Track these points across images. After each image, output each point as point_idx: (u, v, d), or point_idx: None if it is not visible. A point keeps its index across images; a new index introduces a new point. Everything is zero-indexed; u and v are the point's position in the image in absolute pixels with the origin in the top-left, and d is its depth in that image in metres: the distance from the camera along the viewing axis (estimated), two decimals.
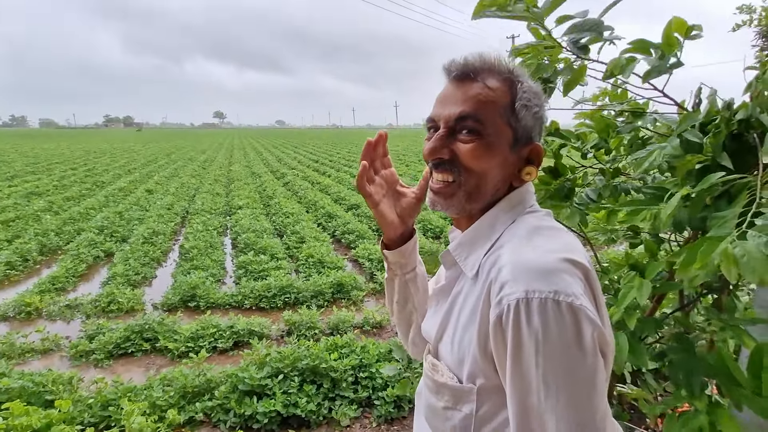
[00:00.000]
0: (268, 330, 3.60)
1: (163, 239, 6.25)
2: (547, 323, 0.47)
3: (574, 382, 0.47)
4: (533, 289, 0.48)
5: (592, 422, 0.47)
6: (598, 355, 0.48)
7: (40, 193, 10.12)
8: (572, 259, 0.51)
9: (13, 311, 4.02)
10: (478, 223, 0.63)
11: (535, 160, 0.63)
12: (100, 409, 2.45)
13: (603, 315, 0.53)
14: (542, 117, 0.63)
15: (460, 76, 0.62)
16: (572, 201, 1.26)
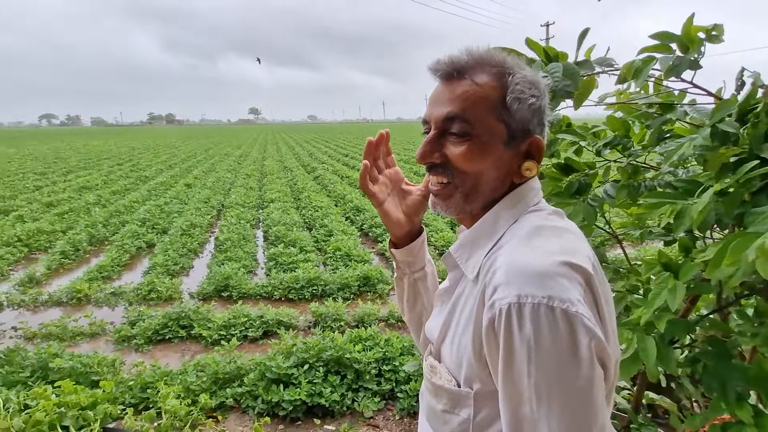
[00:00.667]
0: (295, 321, 3.70)
1: (199, 231, 6.54)
2: (539, 330, 0.45)
3: (568, 394, 0.45)
4: (526, 293, 0.46)
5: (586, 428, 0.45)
6: (595, 365, 0.46)
7: (90, 187, 10.84)
8: (571, 263, 0.48)
9: (66, 297, 4.35)
10: (479, 223, 0.61)
11: (535, 155, 0.60)
12: (139, 391, 2.62)
13: (605, 323, 0.50)
14: (541, 107, 0.59)
15: (446, 75, 0.59)
16: (585, 197, 1.20)
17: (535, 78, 0.58)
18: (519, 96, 0.56)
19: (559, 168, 1.32)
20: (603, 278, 0.55)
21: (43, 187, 10.91)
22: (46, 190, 10.32)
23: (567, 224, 0.59)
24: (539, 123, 0.59)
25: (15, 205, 8.51)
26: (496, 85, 0.57)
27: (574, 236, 0.55)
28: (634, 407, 1.57)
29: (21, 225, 6.82)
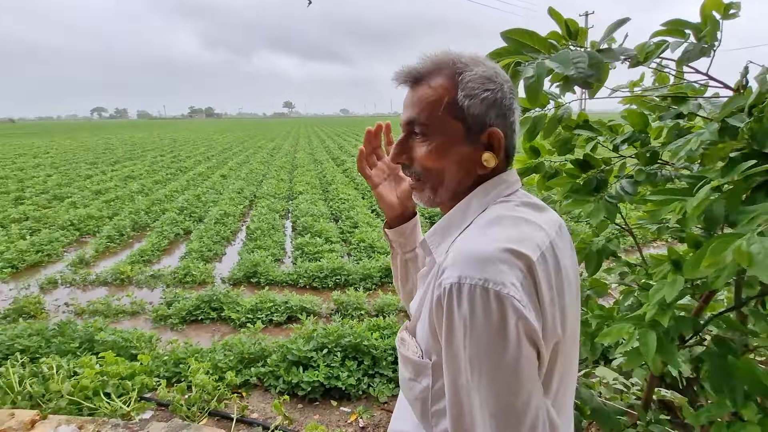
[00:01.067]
0: (318, 308, 3.84)
1: (232, 220, 6.84)
2: (474, 308, 0.49)
3: (497, 367, 0.49)
4: (466, 275, 0.50)
5: (512, 406, 0.50)
6: (523, 343, 0.49)
7: (134, 176, 11.53)
8: (515, 250, 0.52)
9: (111, 278, 4.71)
10: (451, 212, 0.66)
11: (494, 145, 0.63)
12: (172, 366, 2.82)
13: (545, 307, 0.53)
14: (497, 100, 0.61)
15: (405, 83, 0.65)
16: (603, 195, 1.20)
17: (490, 73, 0.62)
18: (470, 93, 0.60)
19: (576, 164, 1.32)
20: (559, 266, 0.58)
21: (93, 176, 11.71)
22: (95, 179, 11.09)
23: (531, 215, 0.61)
24: (498, 115, 0.62)
25: (69, 192, 9.21)
26: (448, 86, 0.61)
27: (531, 227, 0.59)
28: (644, 404, 1.55)
29: (74, 210, 7.39)
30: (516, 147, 0.68)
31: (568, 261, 0.62)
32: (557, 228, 0.64)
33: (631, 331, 1.14)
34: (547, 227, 0.61)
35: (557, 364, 0.56)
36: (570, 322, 0.59)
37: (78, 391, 2.46)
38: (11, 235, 6.08)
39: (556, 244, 0.59)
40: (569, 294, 0.59)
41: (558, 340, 0.55)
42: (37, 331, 3.09)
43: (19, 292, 4.37)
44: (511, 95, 0.63)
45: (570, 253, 0.66)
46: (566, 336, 0.57)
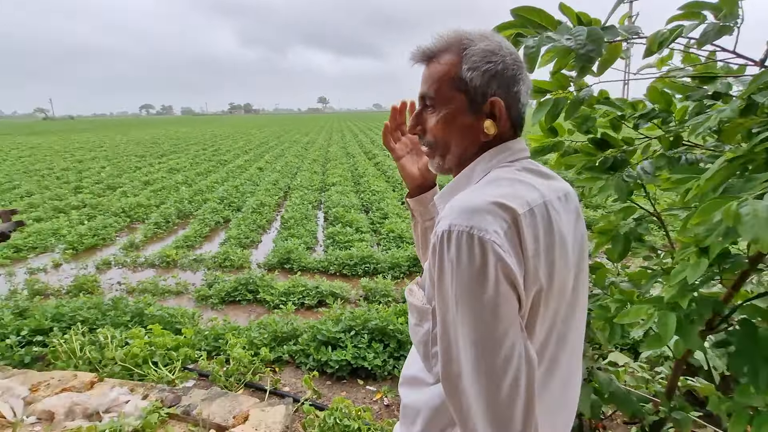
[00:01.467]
0: (347, 293, 3.97)
1: (268, 210, 7.12)
2: (460, 252, 0.56)
3: (477, 302, 0.55)
4: (455, 223, 0.57)
5: (490, 337, 0.55)
6: (501, 283, 0.55)
7: (179, 168, 12.20)
8: (502, 203, 0.58)
9: (158, 261, 5.07)
10: (459, 176, 0.73)
11: (496, 114, 0.68)
12: (212, 340, 3.04)
13: (528, 256, 0.58)
14: (498, 72, 0.66)
15: (420, 61, 0.72)
16: (621, 174, 1.20)
17: (493, 47, 0.66)
18: (472, 66, 0.66)
19: (594, 143, 1.32)
20: (551, 226, 0.62)
21: (141, 168, 12.51)
22: (144, 171, 11.83)
23: (529, 178, 0.66)
24: (500, 86, 0.67)
25: (121, 183, 9.91)
26: (454, 61, 0.67)
27: (524, 186, 0.64)
28: (667, 392, 1.53)
29: (125, 199, 7.96)
30: (524, 117, 0.72)
31: (566, 226, 0.66)
32: (561, 195, 0.69)
33: (650, 312, 1.14)
34: (545, 190, 0.65)
35: (540, 310, 0.61)
36: (559, 279, 0.63)
37: (129, 359, 2.71)
38: (72, 220, 6.66)
39: (552, 206, 0.64)
40: (561, 254, 0.63)
41: (540, 287, 0.60)
42: (95, 305, 3.41)
43: (79, 271, 4.80)
44: (515, 67, 0.67)
45: (572, 220, 0.69)
46: (553, 289, 0.62)
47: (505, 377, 0.55)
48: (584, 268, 0.73)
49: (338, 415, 2.10)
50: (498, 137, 0.70)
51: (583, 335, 0.76)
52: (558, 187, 0.70)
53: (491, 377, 0.55)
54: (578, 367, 0.76)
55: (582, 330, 0.76)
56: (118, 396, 2.26)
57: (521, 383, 0.56)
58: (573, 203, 0.72)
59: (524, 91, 0.69)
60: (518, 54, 0.69)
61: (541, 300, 0.60)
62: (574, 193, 0.73)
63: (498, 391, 0.55)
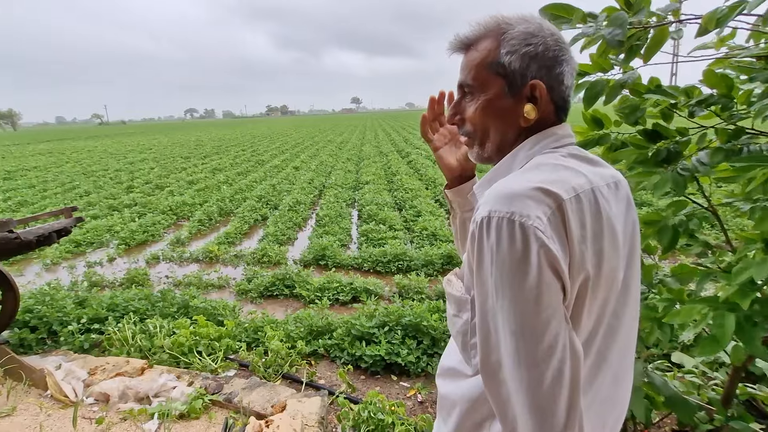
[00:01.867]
0: (381, 290, 3.99)
1: (303, 208, 7.29)
2: (500, 238, 0.54)
3: (518, 290, 0.53)
4: (495, 209, 0.55)
5: (531, 326, 0.53)
6: (544, 269, 0.53)
7: (220, 169, 12.74)
8: (545, 189, 0.56)
9: (202, 256, 5.32)
10: (498, 164, 0.70)
11: (537, 97, 0.65)
12: (252, 332, 3.15)
13: (574, 243, 0.55)
14: (539, 53, 0.63)
15: (458, 50, 0.70)
16: (675, 167, 1.12)
17: (532, 29, 0.64)
18: (511, 49, 0.64)
19: (645, 135, 1.24)
20: (599, 212, 0.59)
21: (186, 168, 13.17)
22: (189, 171, 12.46)
23: (574, 164, 0.63)
24: (540, 67, 0.64)
25: (168, 182, 10.49)
26: (492, 47, 0.65)
27: (570, 172, 0.61)
28: (724, 399, 1.43)
29: (171, 198, 8.42)
30: (568, 100, 0.68)
31: (616, 214, 0.63)
32: (610, 182, 0.65)
33: (704, 312, 1.06)
34: (592, 176, 0.62)
35: (586, 300, 0.58)
36: (607, 268, 0.60)
37: (176, 347, 2.86)
38: (124, 217, 7.13)
39: (600, 192, 0.61)
40: (610, 242, 0.60)
41: (587, 276, 0.57)
42: (145, 297, 3.63)
43: (131, 265, 5.14)
44: (557, 48, 0.64)
45: (622, 208, 0.66)
46: (601, 279, 0.59)
47: (547, 368, 0.53)
48: (636, 259, 0.69)
49: (372, 408, 2.12)
50: (541, 122, 0.67)
51: (636, 330, 0.72)
52: (607, 174, 0.66)
53: (533, 367, 0.53)
54: (630, 364, 0.72)
55: (635, 325, 0.71)
56: (166, 382, 2.40)
57: (565, 374, 0.53)
58: (623, 191, 0.68)
59: (568, 72, 0.66)
60: (561, 34, 0.66)
61: (588, 289, 0.57)
62: (624, 181, 0.69)
63: (540, 382, 0.53)
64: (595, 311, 0.60)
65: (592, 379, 0.63)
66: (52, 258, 5.38)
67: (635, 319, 0.71)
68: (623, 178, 0.69)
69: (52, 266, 5.28)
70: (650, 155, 1.16)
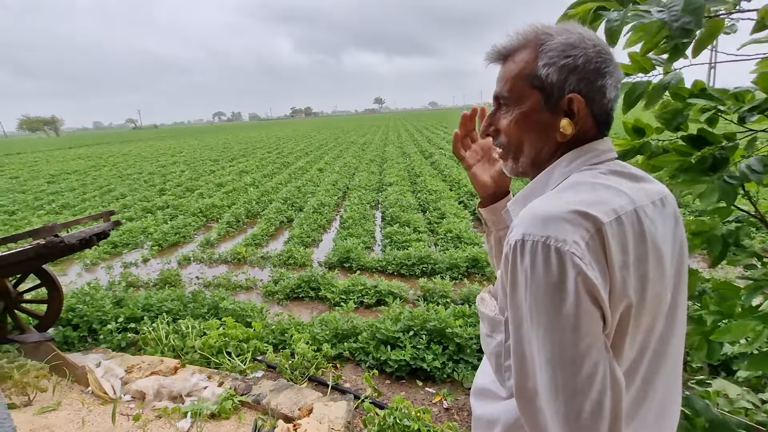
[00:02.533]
0: (405, 293, 3.98)
1: (328, 210, 7.37)
2: (535, 263, 0.52)
3: (554, 317, 0.51)
4: (530, 232, 0.54)
5: (568, 355, 0.51)
6: (582, 297, 0.51)
7: (247, 171, 13.05)
8: (583, 211, 0.53)
9: (230, 257, 5.46)
10: (534, 180, 0.68)
11: (574, 111, 0.62)
12: (279, 334, 3.21)
13: (615, 269, 0.52)
14: (579, 66, 0.60)
15: (495, 61, 0.68)
16: (722, 174, 1.05)
17: (573, 39, 0.61)
18: (549, 61, 0.61)
19: (688, 141, 1.18)
20: (643, 234, 0.57)
21: (215, 171, 13.57)
22: (217, 173, 12.83)
23: (615, 182, 0.60)
24: (580, 80, 0.61)
25: (198, 185, 10.84)
26: (529, 59, 0.63)
27: (610, 192, 0.58)
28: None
29: (201, 200, 8.69)
30: (611, 114, 0.65)
31: (662, 234, 0.60)
32: (656, 199, 0.62)
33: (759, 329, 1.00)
34: (635, 195, 0.59)
35: (629, 328, 0.55)
36: (652, 294, 0.57)
37: (207, 348, 2.95)
38: (157, 220, 7.41)
39: (644, 212, 0.58)
40: (656, 266, 0.57)
41: (629, 303, 0.54)
42: (177, 297, 3.76)
43: (164, 266, 5.34)
44: (599, 59, 0.61)
45: (669, 227, 0.63)
46: (645, 305, 0.56)
47: (586, 399, 0.51)
48: (683, 279, 0.65)
49: (398, 414, 2.12)
50: (580, 137, 0.64)
51: (682, 356, 0.69)
52: (652, 190, 0.63)
53: (570, 399, 0.51)
54: (677, 392, 0.68)
55: (681, 350, 0.68)
56: (198, 382, 2.47)
57: (605, 406, 0.51)
58: (670, 208, 0.64)
59: (611, 85, 0.62)
60: (604, 45, 0.63)
61: (630, 317, 0.55)
62: (671, 196, 0.66)
63: (579, 414, 0.51)
64: (640, 338, 0.58)
65: (636, 408, 0.60)
66: (91, 259, 5.66)
67: (682, 343, 0.68)
68: (670, 192, 0.66)
69: (92, 266, 5.55)
70: (695, 162, 1.10)
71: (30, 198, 10.11)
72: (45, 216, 8.11)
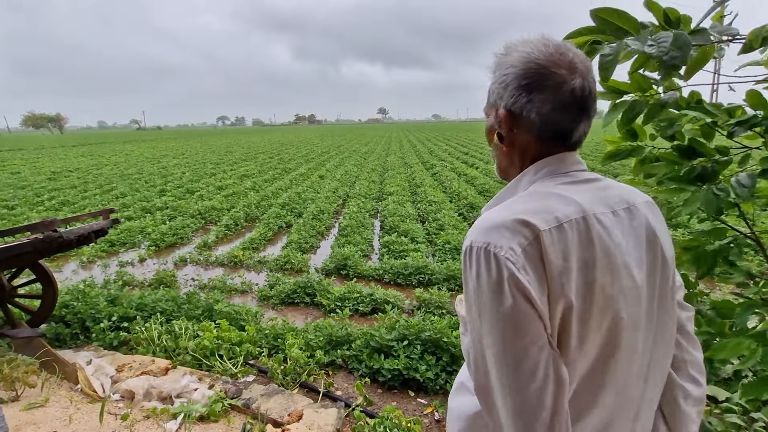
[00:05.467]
0: (401, 302, 3.96)
1: (327, 217, 7.38)
2: (479, 267, 0.57)
3: (496, 317, 0.56)
4: (475, 240, 0.59)
5: (510, 352, 0.55)
6: (518, 298, 0.55)
7: (248, 175, 13.09)
8: (524, 220, 0.58)
9: (227, 260, 5.45)
10: (504, 188, 0.73)
11: (502, 126, 0.68)
12: (272, 339, 3.18)
13: (553, 274, 0.56)
14: (508, 83, 0.64)
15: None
16: (711, 186, 1.07)
17: (515, 57, 0.64)
18: (495, 79, 0.67)
19: (679, 150, 1.19)
20: (591, 241, 0.59)
21: (216, 174, 13.61)
22: (218, 176, 12.87)
23: (570, 191, 0.63)
24: (509, 96, 0.65)
25: (198, 187, 10.86)
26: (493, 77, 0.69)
27: (559, 201, 0.61)
28: None
29: (201, 202, 8.70)
30: (563, 127, 0.65)
31: (619, 241, 0.61)
32: (619, 208, 0.64)
33: (753, 347, 1.00)
34: (590, 203, 0.62)
35: (572, 329, 0.58)
36: (603, 298, 0.59)
37: (199, 350, 2.93)
38: (156, 220, 7.41)
39: (596, 219, 0.60)
40: (608, 272, 0.59)
41: (568, 305, 0.57)
42: (172, 298, 3.74)
43: (160, 266, 5.32)
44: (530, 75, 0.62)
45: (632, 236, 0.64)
46: (594, 308, 0.58)
47: (527, 394, 0.55)
48: (666, 289, 0.67)
49: (388, 424, 2.10)
50: (524, 151, 0.68)
51: (665, 366, 0.70)
52: (616, 199, 0.65)
53: (515, 393, 0.56)
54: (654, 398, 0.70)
55: (661, 359, 0.69)
56: (188, 383, 2.45)
57: (545, 402, 0.55)
58: (639, 217, 0.65)
59: (543, 99, 0.62)
60: (546, 60, 0.62)
61: (572, 319, 0.57)
62: (644, 204, 0.67)
63: (521, 408, 0.55)
64: (596, 341, 0.60)
65: (590, 406, 0.62)
66: (88, 256, 5.64)
67: (663, 352, 0.69)
68: (645, 201, 0.68)
69: (88, 264, 5.53)
70: (683, 172, 1.11)
71: (30, 194, 10.11)
72: (44, 212, 8.10)
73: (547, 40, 0.65)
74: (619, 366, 0.62)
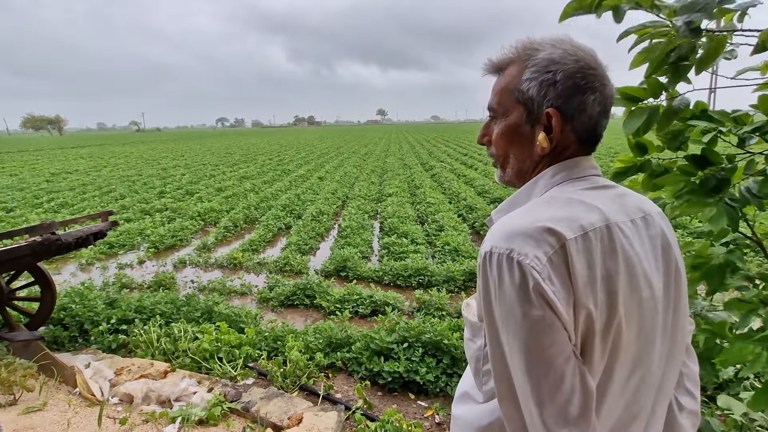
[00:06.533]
0: (401, 304, 3.95)
1: (326, 218, 7.37)
2: (501, 274, 0.55)
3: (521, 326, 0.54)
4: (497, 245, 0.56)
5: (537, 362, 0.53)
6: (543, 306, 0.53)
7: (248, 177, 13.08)
8: (549, 228, 0.55)
9: (226, 262, 5.44)
10: (517, 192, 0.70)
11: (551, 126, 0.64)
12: (271, 341, 3.17)
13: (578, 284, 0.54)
14: (558, 81, 0.62)
15: (489, 73, 0.71)
16: (723, 196, 1.05)
17: (557, 55, 0.62)
18: (530, 76, 0.63)
19: (692, 161, 1.18)
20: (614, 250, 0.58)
21: (216, 176, 13.59)
22: (218, 178, 12.85)
23: (591, 198, 0.61)
24: (558, 96, 0.62)
25: (197, 189, 10.85)
26: (516, 73, 0.66)
27: (582, 208, 0.59)
28: None
29: (200, 204, 8.69)
30: (597, 130, 0.66)
31: (639, 251, 0.60)
32: (637, 217, 0.63)
33: (758, 351, 0.98)
34: (612, 211, 0.60)
35: (595, 341, 0.56)
36: (625, 310, 0.57)
37: (198, 352, 2.92)
38: (155, 222, 7.40)
39: (618, 228, 0.59)
40: (628, 282, 0.58)
41: (591, 316, 0.55)
42: (171, 300, 3.73)
43: (159, 269, 5.31)
44: (580, 75, 0.62)
45: (650, 245, 0.63)
46: (616, 320, 0.57)
47: (553, 404, 0.53)
48: (680, 300, 0.66)
49: (389, 427, 2.09)
50: (561, 152, 0.66)
51: (675, 378, 0.69)
52: (634, 208, 0.64)
53: (541, 403, 0.54)
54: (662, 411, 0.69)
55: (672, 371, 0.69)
56: (187, 386, 2.44)
57: (571, 412, 0.53)
58: (656, 228, 0.65)
59: (593, 101, 0.63)
60: (592, 61, 0.63)
61: (595, 330, 0.56)
62: (658, 214, 0.66)
63: (548, 418, 0.54)
64: (617, 353, 0.58)
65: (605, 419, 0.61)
66: (87, 258, 5.63)
67: (672, 362, 0.68)
68: (657, 212, 0.67)
69: (87, 266, 5.52)
70: (699, 183, 1.09)
71: (29, 195, 10.10)
72: (43, 214, 8.08)
73: (574, 40, 0.65)
74: (635, 378, 0.61)
